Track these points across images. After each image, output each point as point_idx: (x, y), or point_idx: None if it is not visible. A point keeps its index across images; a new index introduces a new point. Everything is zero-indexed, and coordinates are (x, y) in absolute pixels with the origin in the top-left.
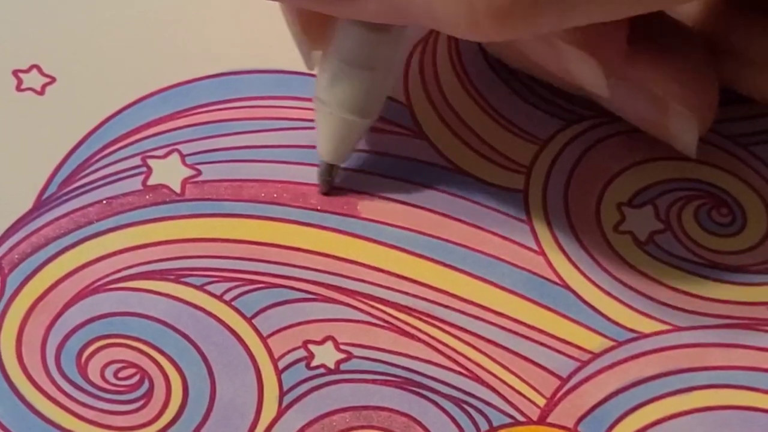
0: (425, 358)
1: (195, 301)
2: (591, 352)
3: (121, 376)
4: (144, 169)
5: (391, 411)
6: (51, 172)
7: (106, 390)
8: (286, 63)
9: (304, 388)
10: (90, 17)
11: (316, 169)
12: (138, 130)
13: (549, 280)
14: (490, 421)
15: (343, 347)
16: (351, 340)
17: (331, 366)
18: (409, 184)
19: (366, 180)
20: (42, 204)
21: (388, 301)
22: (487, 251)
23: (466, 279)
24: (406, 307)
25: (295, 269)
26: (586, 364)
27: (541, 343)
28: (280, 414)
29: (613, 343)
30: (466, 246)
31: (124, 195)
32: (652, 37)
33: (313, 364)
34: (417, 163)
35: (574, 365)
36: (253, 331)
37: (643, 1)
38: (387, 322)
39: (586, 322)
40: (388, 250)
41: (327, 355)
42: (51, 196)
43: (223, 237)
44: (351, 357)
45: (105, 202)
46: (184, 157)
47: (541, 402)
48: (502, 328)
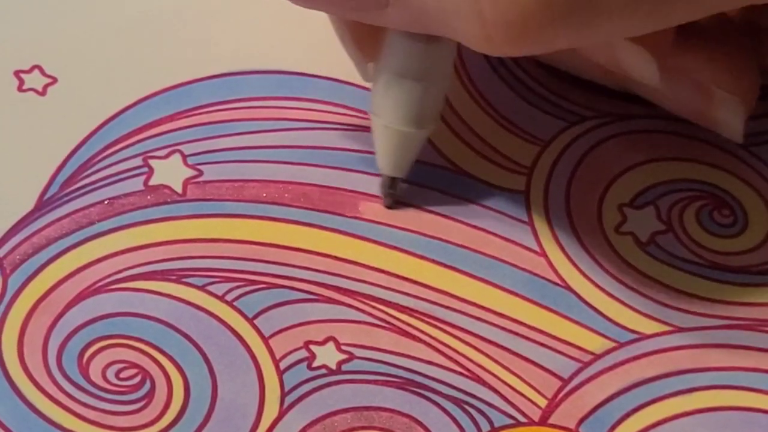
0: (426, 358)
1: (196, 302)
2: (592, 353)
3: (122, 376)
4: (145, 169)
5: (392, 411)
6: (52, 173)
7: (108, 390)
8: (287, 63)
9: (306, 388)
10: (91, 18)
11: (318, 169)
12: (139, 130)
13: (550, 281)
14: (491, 422)
15: (344, 348)
16: (352, 340)
17: (333, 366)
18: (410, 185)
19: (367, 181)
20: (43, 204)
21: (390, 301)
22: (488, 252)
23: (468, 280)
24: (407, 308)
25: (296, 270)
26: (587, 365)
27: (543, 344)
28: (282, 414)
29: (614, 344)
30: (467, 247)
31: (126, 195)
32: (694, 25)
33: (315, 364)
34: (418, 164)
35: (575, 366)
36: (254, 331)
37: (658, 19)
38: (388, 323)
39: (588, 323)
40: (389, 251)
41: (328, 356)
42: (52, 196)
43: (224, 237)
44: (352, 357)
45: (106, 202)
46: (185, 157)
47: (543, 403)
48: (504, 329)
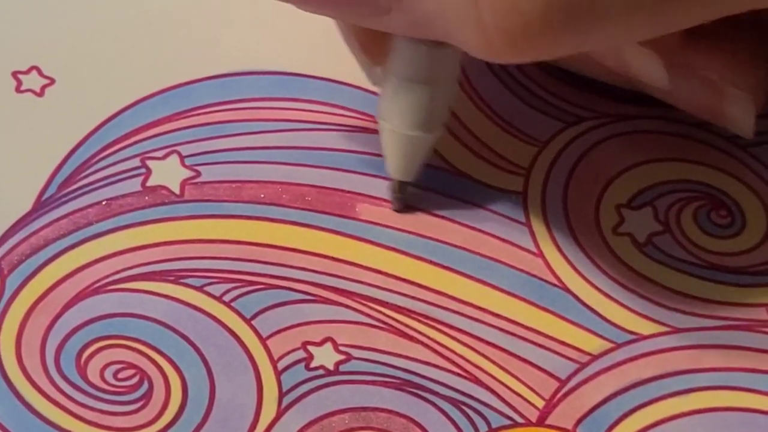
0: (424, 359)
1: (194, 302)
2: (590, 354)
3: (120, 377)
4: (143, 170)
5: (390, 412)
6: (50, 174)
7: (106, 391)
8: (285, 64)
9: (304, 389)
10: (89, 19)
11: (316, 170)
12: (137, 131)
13: (548, 281)
14: (488, 423)
15: (342, 348)
16: (350, 341)
17: (331, 367)
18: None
19: (365, 182)
20: (41, 205)
21: (387, 302)
22: (485, 253)
23: (465, 281)
24: (404, 308)
25: (294, 270)
26: (584, 365)
27: (540, 345)
28: (280, 415)
29: (611, 345)
30: (464, 248)
31: (124, 196)
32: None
33: (313, 365)
34: None
35: (573, 367)
36: (252, 332)
37: (657, 25)
38: (386, 324)
39: (585, 324)
40: (386, 251)
41: (326, 357)
42: (50, 197)
43: (222, 238)
44: (350, 358)
45: (104, 203)
46: (183, 158)
47: (540, 404)
48: (501, 330)
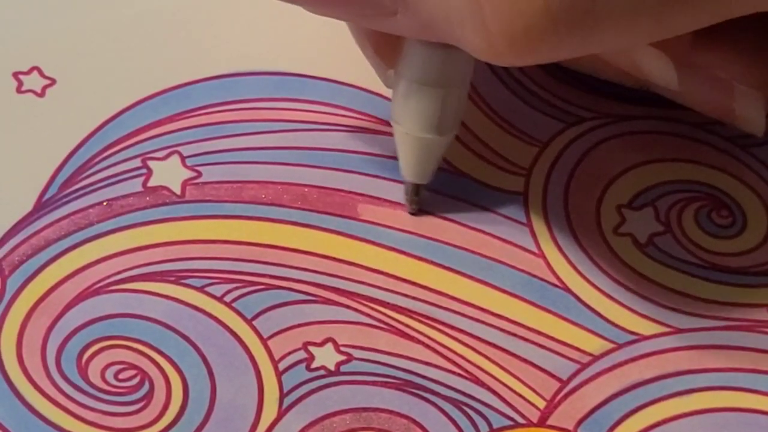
0: (425, 360)
1: (195, 303)
2: (591, 354)
3: (121, 377)
4: (144, 170)
5: (391, 413)
6: (51, 174)
7: (107, 391)
8: (286, 65)
9: (305, 389)
10: (90, 19)
11: (317, 170)
12: (138, 131)
13: (549, 282)
14: (489, 423)
15: (343, 349)
16: (351, 341)
17: (332, 368)
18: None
19: (366, 183)
20: (42, 206)
21: (388, 303)
22: (486, 253)
23: (466, 281)
24: (405, 309)
25: (295, 271)
26: (586, 366)
27: (541, 345)
28: (281, 415)
29: (613, 346)
30: (465, 248)
31: (125, 197)
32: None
33: (314, 365)
34: None
35: (574, 367)
36: (253, 332)
37: (660, 29)
38: (387, 324)
39: (586, 325)
40: (387, 252)
41: (327, 357)
42: (51, 197)
43: (223, 238)
44: (351, 359)
45: (105, 203)
46: (184, 158)
47: (541, 404)
48: (502, 330)
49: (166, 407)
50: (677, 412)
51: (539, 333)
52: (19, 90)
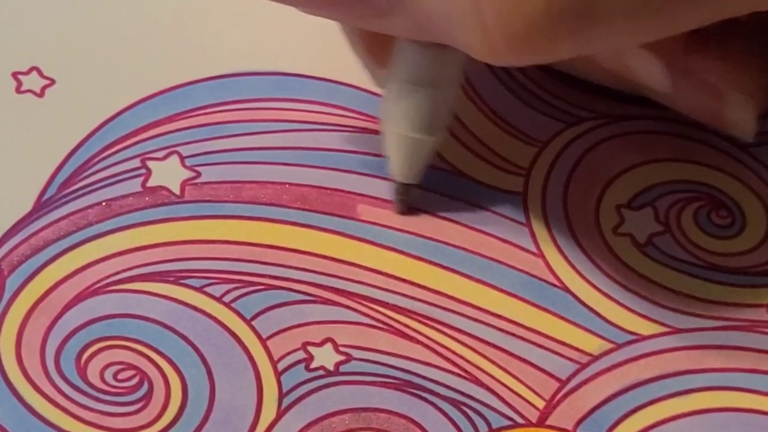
0: (424, 360)
1: (194, 303)
2: (590, 354)
3: (120, 377)
4: (143, 170)
5: (390, 413)
6: (50, 174)
7: (106, 392)
8: (285, 65)
9: (304, 389)
10: (89, 19)
11: (316, 170)
12: (137, 131)
13: (548, 282)
14: (489, 423)
15: (342, 349)
16: (350, 342)
17: (331, 368)
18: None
19: (365, 183)
20: (41, 206)
21: (387, 303)
22: (485, 253)
23: (465, 281)
24: (404, 309)
25: (294, 271)
26: (585, 366)
27: (540, 346)
28: (280, 416)
29: (612, 346)
30: (464, 248)
31: (124, 197)
32: (704, 27)
33: (313, 365)
34: None
35: (573, 367)
36: (252, 332)
37: (661, 27)
38: (386, 324)
39: (585, 325)
40: (386, 252)
41: (326, 357)
42: (50, 198)
43: (222, 239)
44: (350, 359)
45: (104, 204)
46: (183, 158)
47: (540, 404)
48: (501, 330)
49: (165, 407)
50: (676, 412)
51: (538, 333)
52: (18, 90)
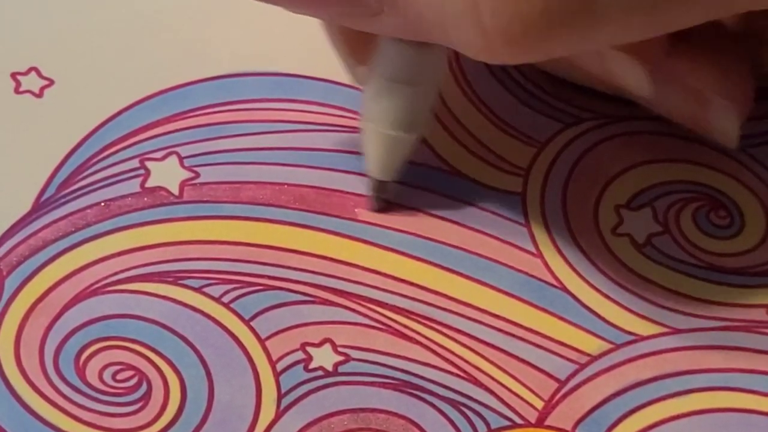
0: (423, 360)
1: (193, 303)
2: (589, 355)
3: (119, 378)
4: (142, 171)
5: (389, 413)
6: (49, 175)
7: (104, 392)
8: (284, 65)
9: (303, 390)
10: (88, 20)
11: (315, 171)
12: (136, 132)
13: (546, 282)
14: (488, 424)
15: (341, 349)
16: (349, 342)
17: (329, 368)
18: (406, 187)
19: (364, 183)
20: (40, 206)
21: (386, 303)
22: (484, 254)
23: (464, 281)
24: (403, 309)
25: (293, 271)
26: (584, 366)
27: (539, 346)
28: (278, 416)
29: (611, 346)
30: (463, 248)
31: (123, 197)
32: (689, 32)
33: (311, 366)
34: (414, 166)
35: (572, 368)
36: (251, 333)
37: (656, 24)
38: (385, 325)
39: (584, 325)
40: (385, 252)
41: (325, 358)
42: (49, 198)
43: (221, 239)
44: (349, 359)
45: (103, 204)
46: (182, 159)
47: (539, 404)
48: (500, 331)
49: (163, 408)
50: (675, 413)
51: (537, 333)
52: (17, 90)
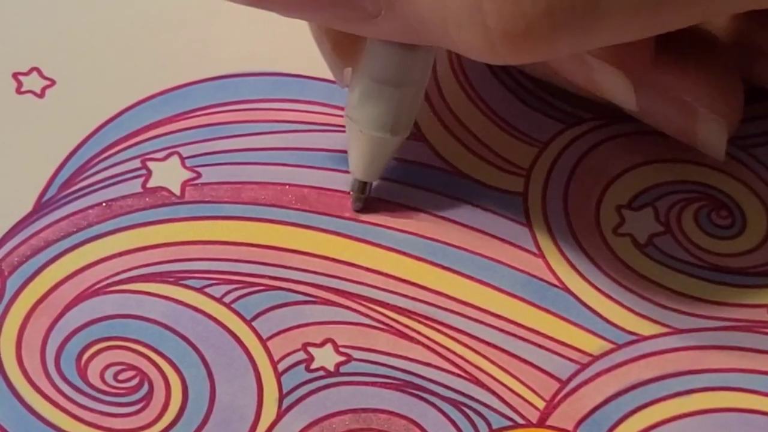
0: (424, 360)
1: (194, 304)
2: (590, 355)
3: (120, 378)
4: (144, 171)
5: (390, 413)
6: (51, 175)
7: (106, 392)
8: (284, 65)
9: (304, 390)
10: (90, 20)
11: (316, 171)
12: (138, 132)
13: (548, 282)
14: (489, 424)
15: (342, 350)
16: (350, 342)
17: (331, 368)
18: (408, 187)
19: None
20: (42, 207)
21: (388, 303)
22: (486, 254)
23: (465, 281)
24: (405, 309)
25: (294, 272)
26: (585, 366)
27: (541, 346)
28: (280, 416)
29: (612, 346)
30: (465, 249)
31: (124, 198)
32: (677, 43)
33: (313, 366)
34: (416, 166)
35: (573, 368)
36: (252, 333)
37: (658, 23)
38: (386, 325)
39: (586, 325)
40: (387, 252)
41: (326, 358)
42: (51, 198)
43: (222, 239)
44: (350, 359)
45: (104, 204)
46: (183, 159)
47: (541, 405)
48: (501, 331)
49: (165, 408)
50: (677, 413)
51: (539, 333)
52: (18, 91)
